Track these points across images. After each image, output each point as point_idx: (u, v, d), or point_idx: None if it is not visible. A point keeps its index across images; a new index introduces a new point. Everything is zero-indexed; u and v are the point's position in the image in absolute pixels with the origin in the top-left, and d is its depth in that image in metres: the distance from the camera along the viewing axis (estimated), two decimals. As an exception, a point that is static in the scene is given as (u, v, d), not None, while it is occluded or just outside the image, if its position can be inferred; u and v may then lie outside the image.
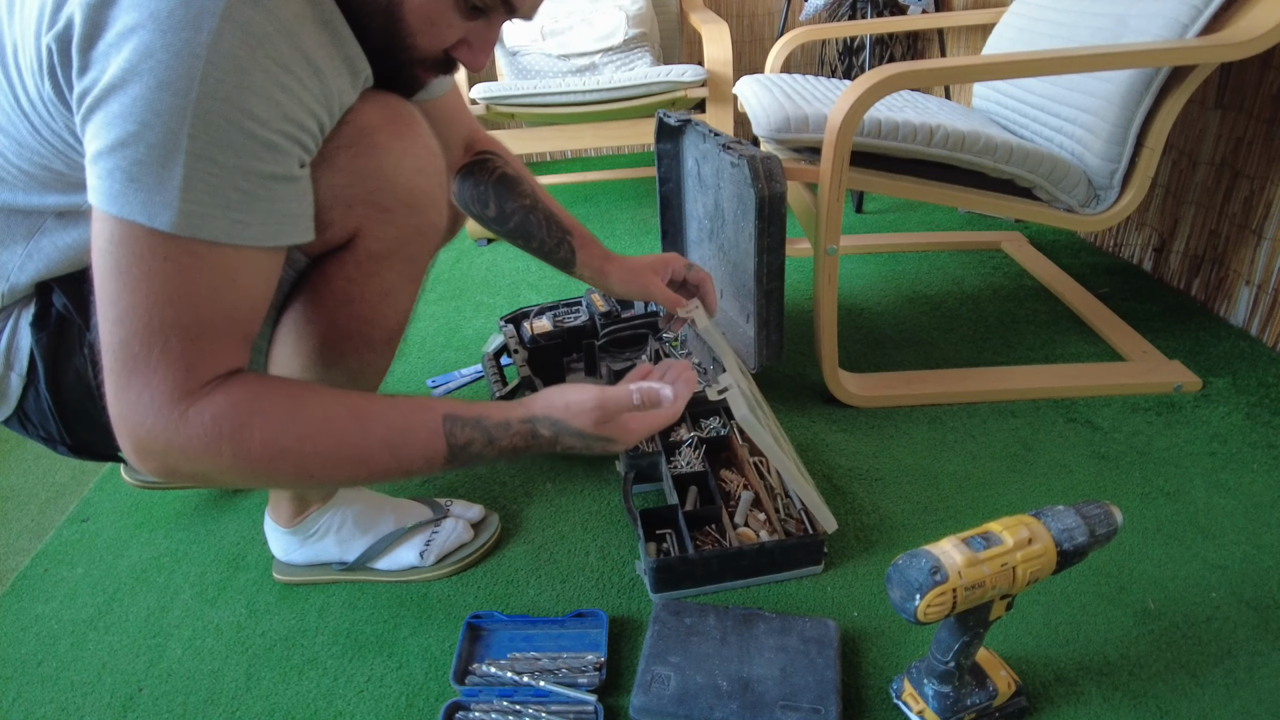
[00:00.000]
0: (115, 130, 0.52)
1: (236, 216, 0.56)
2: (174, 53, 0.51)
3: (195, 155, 0.53)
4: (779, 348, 1.23)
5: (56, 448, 0.79)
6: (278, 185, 0.58)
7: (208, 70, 0.52)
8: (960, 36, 2.33)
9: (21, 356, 0.73)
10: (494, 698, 0.80)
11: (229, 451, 0.59)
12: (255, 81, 0.54)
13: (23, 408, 0.75)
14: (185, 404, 0.58)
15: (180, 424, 0.58)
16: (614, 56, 2.20)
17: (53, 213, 0.68)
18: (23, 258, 0.70)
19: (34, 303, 0.72)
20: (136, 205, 0.53)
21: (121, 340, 0.56)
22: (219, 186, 0.55)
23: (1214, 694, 0.77)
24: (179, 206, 0.54)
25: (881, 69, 1.07)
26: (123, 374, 0.57)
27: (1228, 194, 1.44)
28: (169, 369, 0.57)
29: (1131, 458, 1.11)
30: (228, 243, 0.56)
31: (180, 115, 0.52)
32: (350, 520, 0.95)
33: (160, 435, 0.58)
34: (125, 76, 0.51)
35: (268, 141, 0.56)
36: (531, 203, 1.00)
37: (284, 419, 0.61)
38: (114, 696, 0.85)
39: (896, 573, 0.66)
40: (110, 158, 0.53)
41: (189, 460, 0.59)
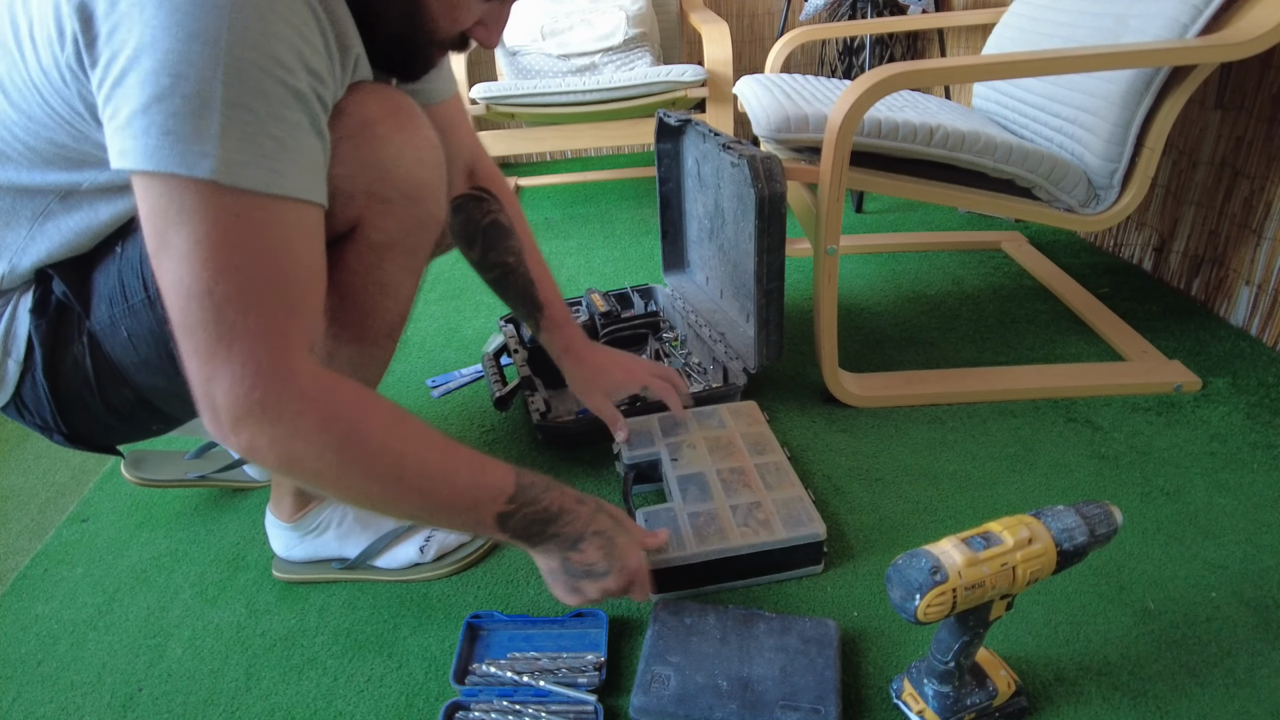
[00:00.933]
0: (149, 87, 0.52)
1: (271, 165, 0.56)
2: (200, 5, 0.51)
3: (229, 103, 0.53)
4: (779, 347, 1.23)
5: (52, 436, 0.79)
6: (306, 137, 0.58)
7: (234, 18, 0.52)
8: (960, 36, 2.33)
9: (19, 343, 0.73)
10: (494, 697, 0.80)
11: (341, 430, 0.59)
12: (279, 30, 0.55)
13: (20, 395, 0.75)
14: (295, 373, 0.57)
15: (293, 395, 0.57)
16: (614, 56, 2.20)
17: (56, 194, 0.68)
18: (25, 239, 0.69)
19: (33, 289, 0.72)
20: (174, 156, 0.53)
21: (214, 308, 0.55)
22: (254, 134, 0.54)
23: (1214, 694, 0.78)
24: (218, 154, 0.53)
25: (881, 69, 1.07)
26: (220, 344, 0.55)
27: (1228, 194, 1.44)
28: (270, 332, 0.56)
29: (1131, 458, 1.11)
30: (266, 192, 0.56)
31: (213, 64, 0.52)
32: (351, 516, 0.95)
33: (270, 404, 0.57)
34: (155, 35, 0.51)
35: (296, 90, 0.56)
36: (515, 261, 1.00)
37: (393, 417, 0.63)
38: (114, 696, 0.85)
39: (896, 573, 0.66)
40: (144, 115, 0.52)
41: (291, 434, 0.58)
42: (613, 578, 0.77)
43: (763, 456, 1.04)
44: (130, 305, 0.70)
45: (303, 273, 0.59)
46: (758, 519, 0.93)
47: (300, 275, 0.59)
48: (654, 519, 0.93)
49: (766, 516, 0.93)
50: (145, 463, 1.12)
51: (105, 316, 0.71)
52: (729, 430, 1.10)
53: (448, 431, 1.23)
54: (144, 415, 0.79)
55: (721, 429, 1.10)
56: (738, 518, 0.93)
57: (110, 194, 0.68)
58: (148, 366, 0.73)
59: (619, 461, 1.09)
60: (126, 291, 0.70)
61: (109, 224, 0.71)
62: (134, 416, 0.78)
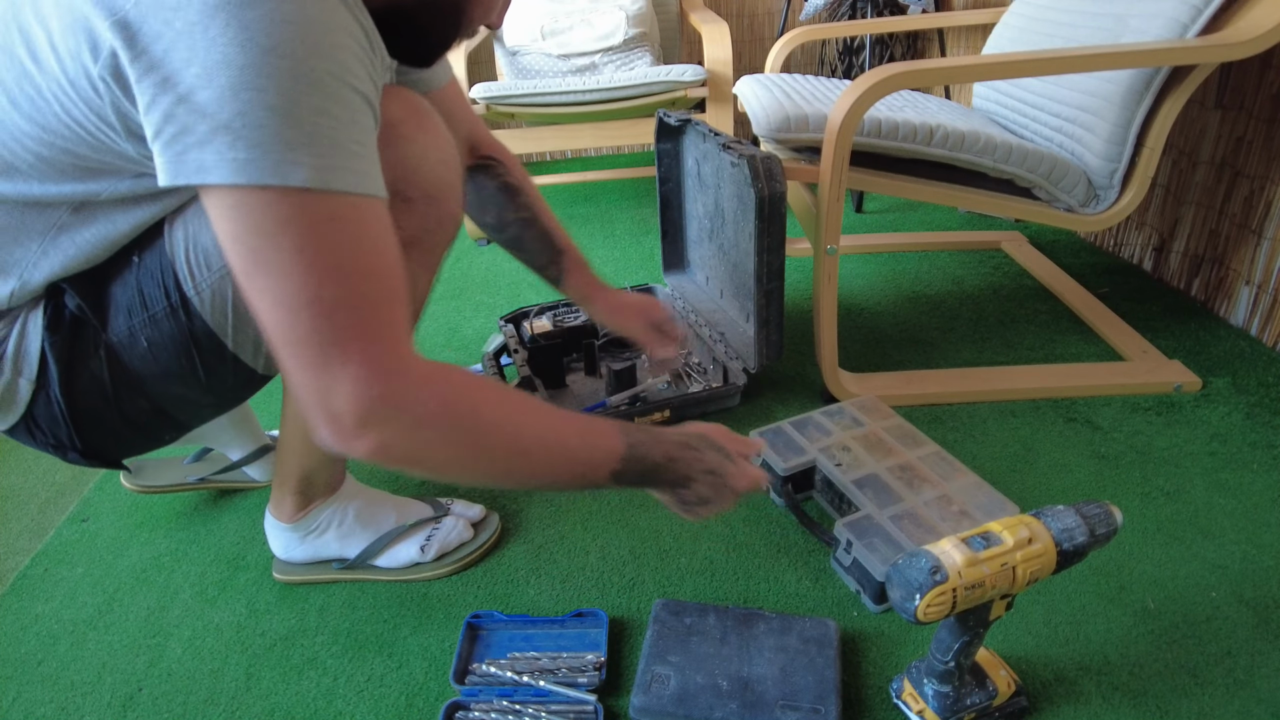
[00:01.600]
0: (230, 103, 0.51)
1: (357, 167, 0.56)
2: (269, 20, 0.52)
3: (315, 110, 0.53)
4: (779, 347, 1.23)
5: (66, 454, 0.77)
6: (373, 139, 0.59)
7: (305, 32, 0.52)
8: (960, 36, 2.33)
9: (31, 361, 0.71)
10: (494, 697, 0.80)
11: (464, 412, 0.60)
12: (344, 41, 0.55)
13: (32, 414, 0.74)
14: (409, 368, 0.58)
15: (412, 388, 0.58)
16: (614, 56, 2.20)
17: (69, 206, 0.67)
18: (38, 254, 0.68)
19: (43, 305, 0.71)
20: (267, 168, 0.52)
21: (323, 316, 0.55)
22: (340, 139, 0.55)
23: (1214, 694, 0.78)
24: (310, 162, 0.53)
25: (881, 69, 1.07)
26: (333, 351, 0.55)
27: (1228, 194, 1.44)
28: (382, 331, 0.57)
29: (1131, 458, 1.11)
30: (358, 193, 0.56)
31: (294, 76, 0.52)
32: (351, 515, 0.95)
33: (390, 402, 0.57)
34: (225, 52, 0.51)
35: (364, 95, 0.57)
36: (530, 216, 1.04)
37: (502, 393, 0.64)
38: (114, 696, 0.85)
39: (896, 573, 0.66)
40: (228, 131, 0.52)
41: (416, 425, 0.58)
42: (726, 501, 0.78)
43: (920, 449, 1.04)
44: (151, 315, 0.70)
45: (394, 265, 0.60)
46: (953, 512, 0.92)
47: (394, 268, 0.60)
48: (858, 529, 0.91)
49: (960, 508, 0.92)
50: (144, 470, 1.12)
51: (124, 328, 0.71)
52: (869, 427, 1.09)
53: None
54: (159, 425, 0.78)
55: (861, 427, 1.09)
56: (934, 514, 0.92)
57: (129, 204, 0.68)
58: (168, 375, 0.73)
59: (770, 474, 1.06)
60: (147, 301, 0.70)
61: (127, 235, 0.70)
62: (149, 427, 0.78)
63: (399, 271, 0.60)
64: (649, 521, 1.05)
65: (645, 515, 1.06)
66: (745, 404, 1.28)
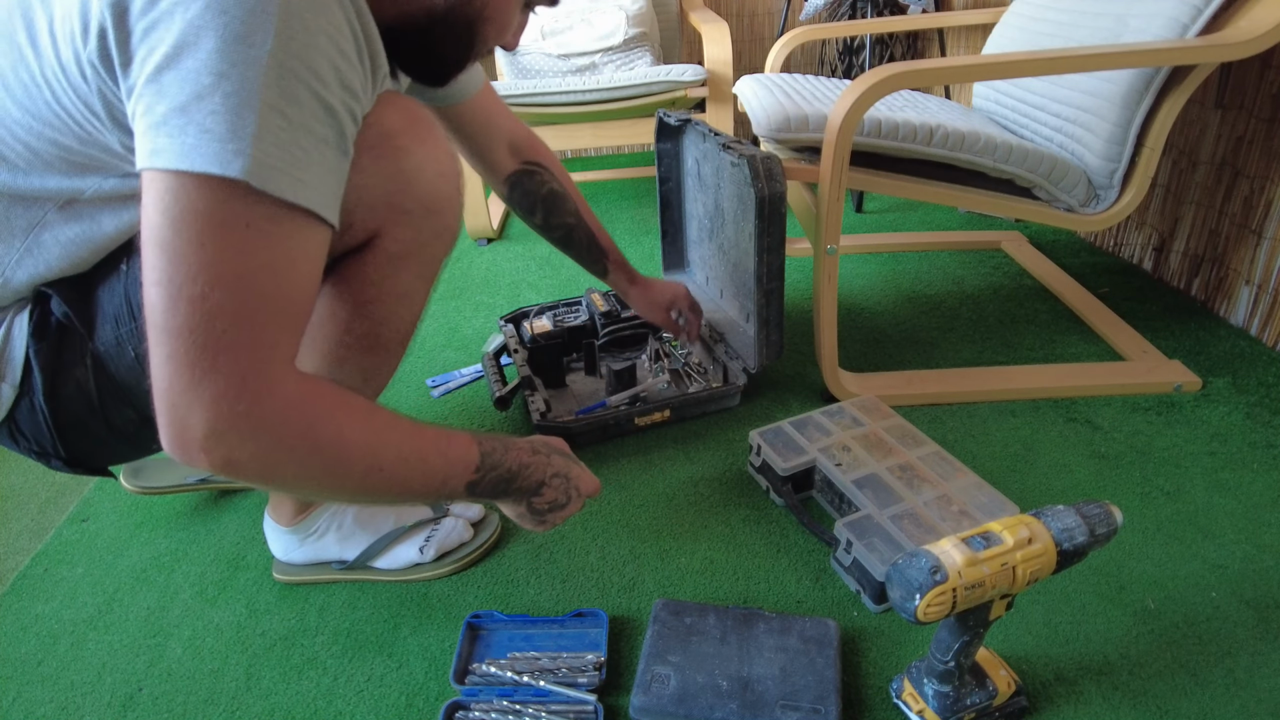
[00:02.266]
0: (189, 85, 0.51)
1: (299, 175, 0.55)
2: (247, 9, 0.51)
3: (269, 106, 0.52)
4: (779, 347, 1.23)
5: (50, 462, 0.77)
6: (330, 153, 0.58)
7: (281, 25, 0.52)
8: (960, 36, 2.33)
9: (15, 366, 0.70)
10: (494, 697, 0.80)
11: (324, 434, 0.58)
12: (320, 44, 0.54)
13: (14, 420, 0.73)
14: (279, 387, 0.56)
15: (273, 407, 0.56)
16: (614, 56, 2.20)
17: (55, 203, 0.66)
18: (20, 253, 0.67)
19: (30, 309, 0.70)
20: (209, 155, 0.51)
21: (204, 317, 0.52)
22: (286, 142, 0.54)
23: (1214, 694, 0.78)
24: (251, 154, 0.52)
25: (881, 69, 1.07)
26: (204, 355, 0.53)
27: (1228, 194, 1.43)
28: (259, 348, 0.55)
29: (1131, 458, 1.11)
30: (291, 201, 0.55)
31: (256, 66, 0.51)
32: (350, 518, 0.95)
33: (250, 419, 0.55)
34: (198, 33, 0.51)
35: (328, 105, 0.56)
36: (575, 221, 1.14)
37: (368, 412, 0.63)
38: (114, 696, 0.85)
39: (896, 572, 0.66)
40: (182, 114, 0.51)
41: (273, 444, 0.56)
42: (573, 504, 0.82)
43: (920, 448, 1.04)
44: (139, 325, 0.69)
45: (298, 290, 0.58)
46: (953, 512, 0.92)
47: (296, 293, 0.58)
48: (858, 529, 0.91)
49: (960, 508, 0.92)
50: (144, 471, 1.12)
51: (111, 337, 0.70)
52: (869, 427, 1.09)
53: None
54: (146, 434, 0.77)
55: (861, 427, 1.09)
56: (934, 514, 0.92)
57: (114, 204, 0.67)
58: None
59: (764, 474, 1.08)
60: (134, 310, 0.69)
61: (113, 238, 0.69)
62: (136, 436, 0.77)
63: (301, 294, 0.58)
64: (649, 521, 1.05)
65: (645, 515, 1.06)
66: (745, 404, 1.28)
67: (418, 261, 0.76)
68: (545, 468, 0.78)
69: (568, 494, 0.81)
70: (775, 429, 1.10)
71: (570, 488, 0.81)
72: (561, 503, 0.81)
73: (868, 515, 0.93)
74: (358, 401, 0.63)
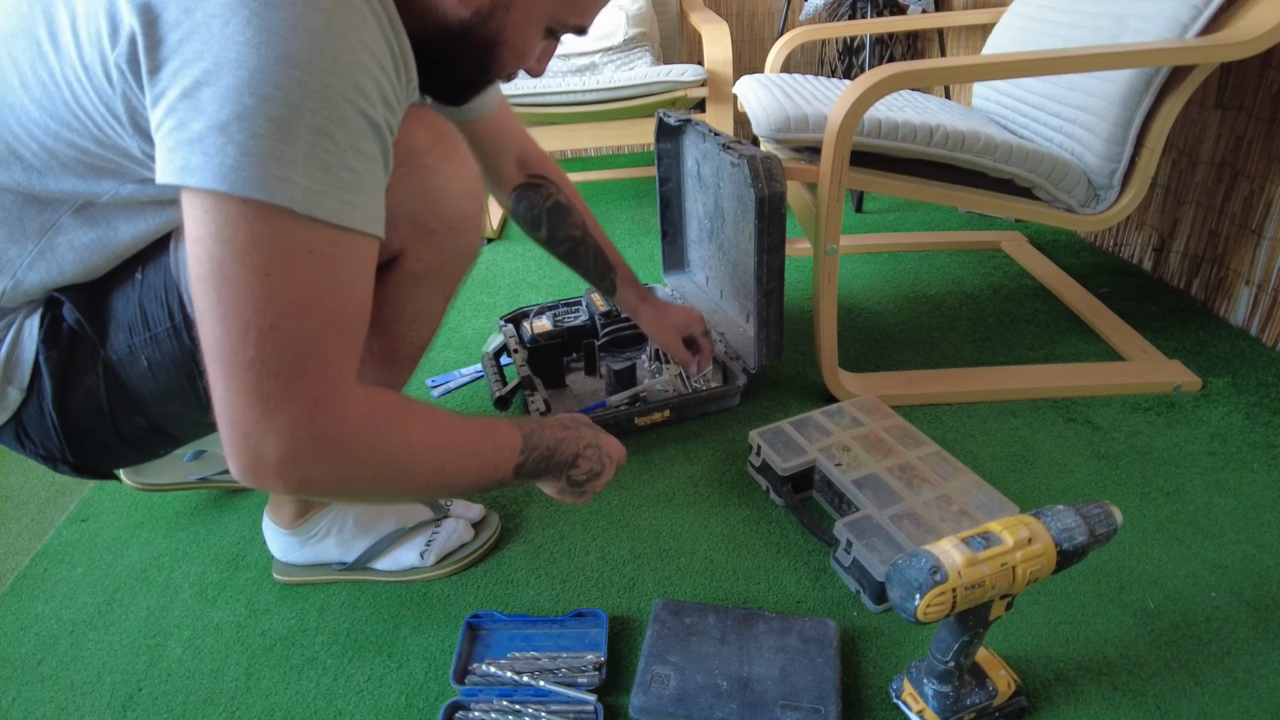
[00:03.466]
0: (230, 104, 0.49)
1: (347, 197, 0.54)
2: (291, 27, 0.50)
3: (315, 130, 0.51)
4: (779, 347, 1.23)
5: (57, 466, 0.76)
6: (376, 170, 0.57)
7: (326, 45, 0.51)
8: (960, 36, 2.33)
9: (23, 370, 0.69)
10: (494, 697, 0.80)
11: (395, 444, 0.60)
12: (364, 61, 0.54)
13: (22, 423, 0.72)
14: (350, 409, 0.56)
15: (345, 424, 0.56)
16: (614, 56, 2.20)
17: (70, 206, 0.64)
18: (33, 255, 0.66)
19: (41, 314, 0.69)
20: (252, 180, 0.50)
21: (275, 347, 0.52)
22: (333, 165, 0.53)
23: (1214, 694, 0.78)
24: (298, 182, 0.51)
25: (881, 69, 1.07)
26: (278, 384, 0.53)
27: (1228, 194, 1.43)
28: (330, 374, 0.55)
29: (1131, 458, 1.11)
30: (339, 224, 0.54)
31: (303, 89, 0.50)
32: (351, 521, 0.95)
33: (320, 439, 0.55)
34: (240, 51, 0.49)
35: (374, 122, 0.55)
36: (581, 234, 1.10)
37: (428, 414, 0.64)
38: (114, 696, 0.85)
39: (896, 572, 0.66)
40: (222, 133, 0.49)
41: (345, 460, 0.57)
42: (607, 472, 0.83)
43: (920, 448, 1.04)
44: (153, 334, 0.68)
45: (360, 309, 0.58)
46: (953, 512, 0.92)
47: (358, 311, 0.58)
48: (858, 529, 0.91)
49: (960, 508, 0.92)
50: (145, 468, 1.12)
51: (124, 346, 0.69)
52: (869, 427, 1.09)
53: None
54: (155, 441, 0.78)
55: (861, 427, 1.09)
56: (934, 514, 0.92)
57: (130, 210, 0.66)
58: (167, 395, 0.71)
59: (764, 474, 1.08)
60: (149, 320, 0.68)
61: (128, 245, 0.68)
62: (144, 442, 0.77)
63: (362, 312, 0.59)
64: (649, 521, 1.05)
65: (645, 515, 1.06)
66: (745, 404, 1.28)
67: (438, 280, 0.76)
68: (577, 440, 0.79)
69: (601, 462, 0.82)
70: (775, 429, 1.10)
71: (602, 455, 0.82)
72: (597, 471, 0.82)
73: (868, 515, 0.93)
74: (418, 407, 0.64)
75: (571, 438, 0.79)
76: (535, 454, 0.74)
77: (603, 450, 0.82)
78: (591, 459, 0.81)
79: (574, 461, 0.79)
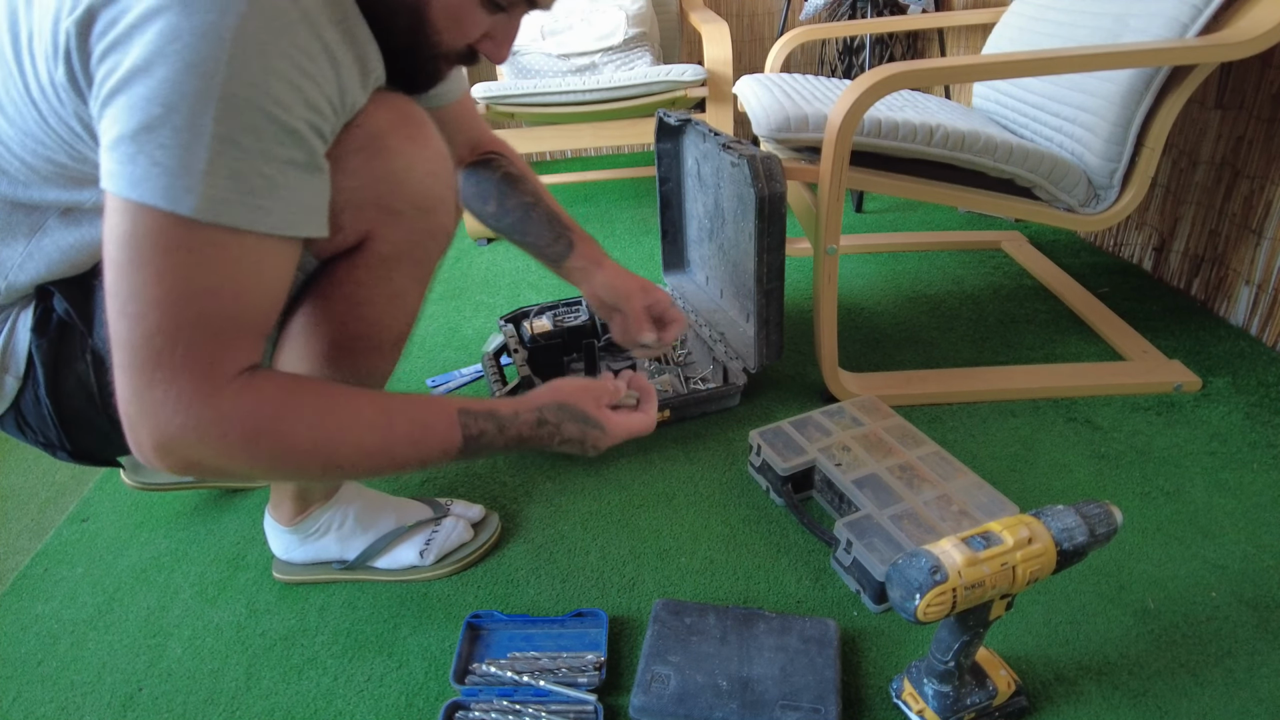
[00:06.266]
0: (139, 114, 0.51)
1: (258, 203, 0.55)
2: (200, 35, 0.50)
3: (221, 139, 0.52)
4: (779, 347, 1.23)
5: (56, 453, 0.78)
6: (299, 174, 0.58)
7: (234, 53, 0.51)
8: (960, 36, 2.33)
9: (18, 360, 0.72)
10: (494, 697, 0.80)
11: (267, 444, 0.59)
12: (280, 66, 0.54)
13: (20, 412, 0.74)
14: (216, 399, 0.57)
15: (215, 418, 0.57)
16: (614, 56, 2.20)
17: (56, 210, 0.67)
18: (23, 256, 0.68)
19: (34, 306, 0.72)
20: (159, 190, 0.52)
21: (144, 335, 0.54)
22: (243, 172, 0.54)
23: (1214, 694, 0.78)
24: (202, 191, 0.52)
25: (881, 69, 1.07)
26: (144, 371, 0.55)
27: (1228, 193, 1.43)
28: (195, 364, 0.56)
29: (1131, 457, 1.11)
30: (248, 229, 0.55)
31: (207, 98, 0.51)
32: (351, 518, 0.95)
33: (191, 431, 0.56)
34: (150, 60, 0.50)
35: (290, 128, 0.56)
36: (533, 200, 1.00)
37: (318, 413, 0.62)
38: (114, 696, 0.85)
39: (896, 572, 0.66)
40: (133, 142, 0.52)
41: (221, 453, 0.58)
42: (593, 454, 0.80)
43: (920, 448, 1.04)
44: None
45: (250, 309, 0.59)
46: (953, 512, 0.92)
47: (247, 311, 0.58)
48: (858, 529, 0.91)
49: (960, 508, 0.92)
50: (144, 467, 1.12)
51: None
52: (869, 427, 1.09)
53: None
54: None
55: (861, 427, 1.09)
56: (934, 514, 0.92)
57: None
58: None
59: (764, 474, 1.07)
60: None
61: None
62: None
63: (253, 310, 0.59)
64: (649, 521, 1.05)
65: (645, 515, 1.06)
66: (745, 404, 1.28)
67: (410, 262, 0.75)
68: (552, 437, 0.76)
69: (583, 450, 0.79)
70: (775, 429, 1.10)
71: (586, 447, 0.78)
72: (580, 454, 0.79)
73: (868, 515, 0.93)
74: (311, 399, 0.62)
75: (544, 437, 0.75)
76: (484, 452, 0.71)
77: (587, 443, 0.78)
78: (571, 446, 0.78)
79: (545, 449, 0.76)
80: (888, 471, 0.99)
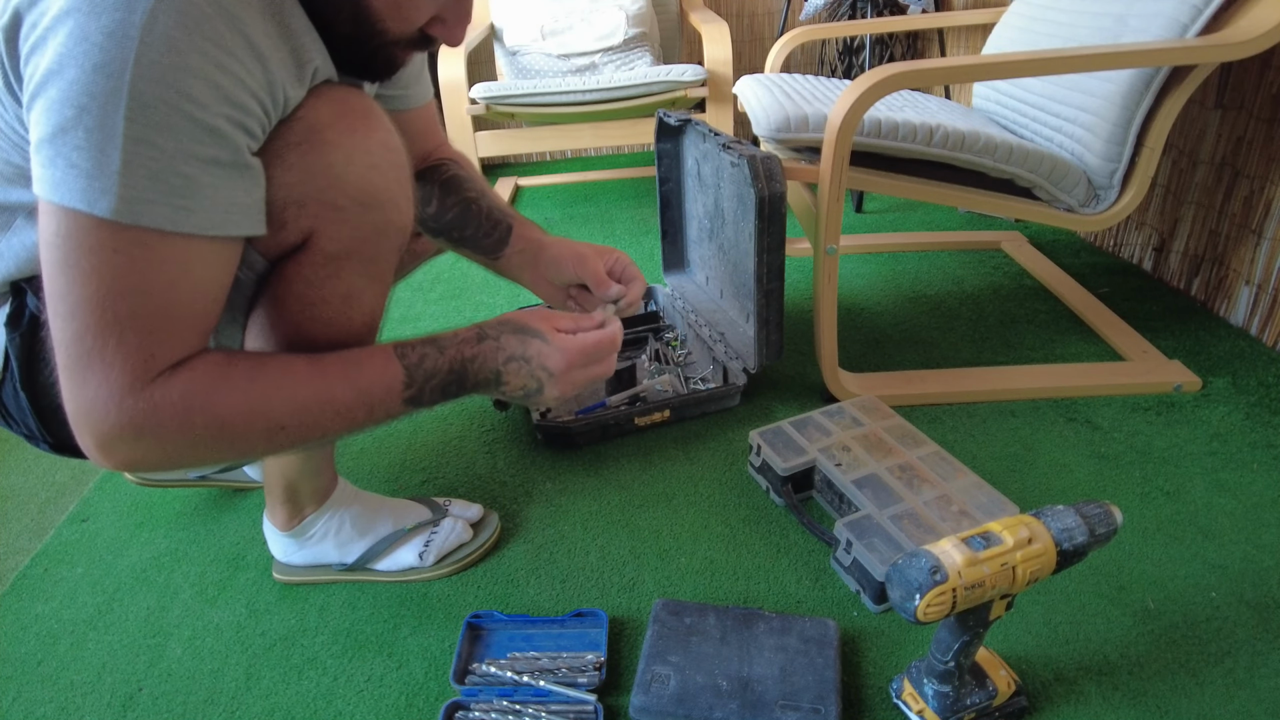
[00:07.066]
0: (55, 116, 0.51)
1: (180, 203, 0.55)
2: (107, 34, 0.50)
3: (134, 139, 0.52)
4: (779, 347, 1.23)
5: (38, 444, 0.78)
6: (223, 171, 0.57)
7: (142, 51, 0.51)
8: (960, 36, 2.33)
9: None
10: (494, 697, 0.80)
11: (201, 421, 0.59)
12: (193, 63, 0.53)
13: (3, 403, 0.75)
14: (148, 391, 0.57)
15: (147, 409, 0.57)
16: (614, 56, 2.20)
17: (23, 210, 0.67)
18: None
19: (8, 302, 0.72)
20: (76, 192, 0.52)
21: (74, 334, 0.55)
22: (160, 172, 0.53)
23: (1214, 694, 0.78)
24: (118, 192, 0.52)
25: (881, 69, 1.07)
26: (77, 369, 0.56)
27: (1228, 194, 1.44)
28: (126, 361, 0.56)
29: (1131, 458, 1.11)
30: (171, 230, 0.55)
31: (115, 98, 0.51)
32: (348, 523, 0.95)
33: (126, 428, 0.57)
34: (62, 62, 0.50)
35: (209, 126, 0.55)
36: (476, 196, 0.96)
37: (249, 377, 0.62)
38: (114, 696, 0.85)
39: (896, 572, 0.66)
40: (51, 145, 0.52)
41: (160, 442, 0.58)
42: (555, 386, 0.74)
43: (920, 448, 1.04)
44: None
45: (181, 306, 0.58)
46: (953, 512, 0.92)
47: (177, 309, 0.58)
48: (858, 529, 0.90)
49: (960, 508, 0.92)
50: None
51: None
52: (869, 427, 1.09)
53: (447, 433, 1.23)
54: None
55: (861, 427, 1.09)
56: (934, 514, 0.92)
57: None
58: None
59: (764, 474, 1.07)
60: None
61: None
62: None
63: (184, 309, 0.59)
64: (649, 521, 1.05)
65: (645, 515, 1.06)
66: (745, 404, 1.28)
67: (360, 260, 0.71)
68: (496, 353, 0.72)
69: (538, 379, 0.74)
70: (775, 429, 1.10)
71: (533, 370, 0.73)
72: (535, 388, 0.74)
73: (868, 515, 0.93)
74: (245, 368, 0.62)
75: (488, 352, 0.72)
76: (433, 382, 0.69)
77: (532, 364, 0.73)
78: (519, 375, 0.73)
79: (498, 378, 0.73)
80: (888, 472, 0.99)
